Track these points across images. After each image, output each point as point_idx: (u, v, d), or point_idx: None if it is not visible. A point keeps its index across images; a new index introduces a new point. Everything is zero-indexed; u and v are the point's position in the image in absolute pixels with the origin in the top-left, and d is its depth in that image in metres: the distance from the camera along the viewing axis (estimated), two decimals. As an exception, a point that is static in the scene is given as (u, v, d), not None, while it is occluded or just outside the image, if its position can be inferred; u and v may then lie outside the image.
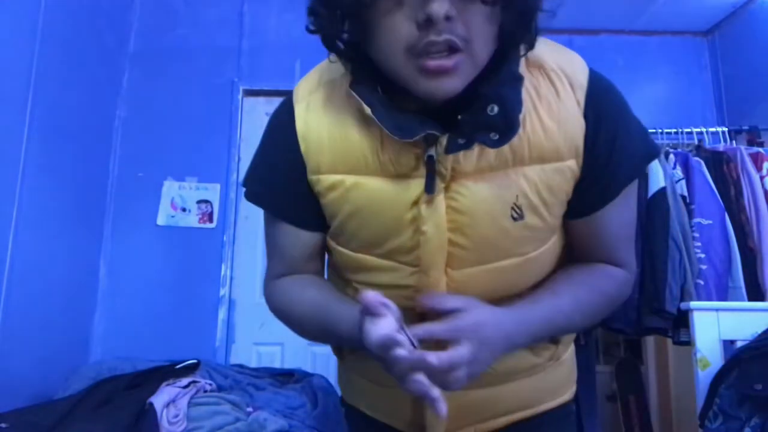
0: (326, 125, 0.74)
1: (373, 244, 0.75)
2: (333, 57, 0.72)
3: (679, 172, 2.35)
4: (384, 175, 0.72)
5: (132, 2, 3.07)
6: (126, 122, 2.94)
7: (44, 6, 2.22)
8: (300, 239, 0.82)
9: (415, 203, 0.71)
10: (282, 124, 0.78)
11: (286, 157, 0.77)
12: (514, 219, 0.70)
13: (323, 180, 0.75)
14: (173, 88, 2.99)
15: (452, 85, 0.64)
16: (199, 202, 2.88)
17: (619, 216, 0.77)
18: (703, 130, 2.63)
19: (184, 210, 2.86)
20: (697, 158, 2.38)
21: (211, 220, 2.86)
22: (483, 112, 0.65)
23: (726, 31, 3.29)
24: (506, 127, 0.66)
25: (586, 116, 0.71)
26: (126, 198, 2.86)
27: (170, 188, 2.88)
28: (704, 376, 1.69)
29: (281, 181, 0.79)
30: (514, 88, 0.67)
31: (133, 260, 2.80)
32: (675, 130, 2.63)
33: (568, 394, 0.93)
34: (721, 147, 2.51)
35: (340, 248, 0.80)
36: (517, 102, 0.66)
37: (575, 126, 0.71)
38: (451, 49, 0.62)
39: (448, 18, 0.60)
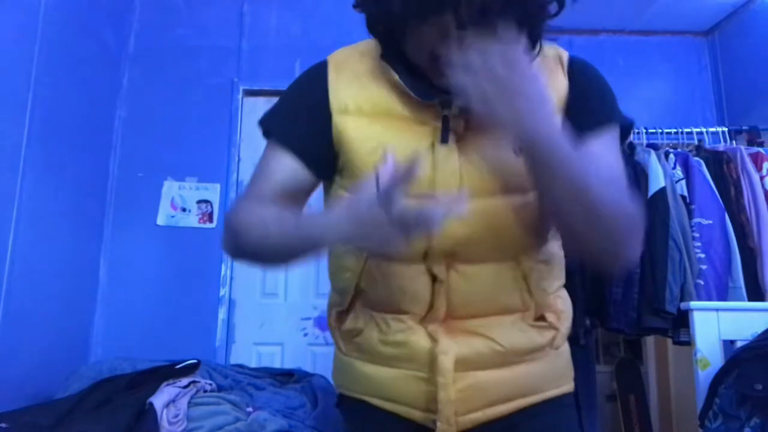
0: (357, 79, 0.85)
1: None
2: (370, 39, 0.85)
3: (679, 172, 2.35)
4: (405, 123, 0.83)
5: (132, 2, 3.07)
6: (126, 122, 2.94)
7: (44, 6, 2.22)
8: (296, 174, 0.88)
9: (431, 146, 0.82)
10: (314, 72, 0.88)
11: (314, 97, 0.86)
12: (516, 153, 0.76)
13: (349, 119, 0.84)
14: (173, 88, 2.99)
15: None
16: (199, 202, 2.88)
17: (605, 155, 0.83)
18: (703, 130, 2.64)
19: (184, 210, 2.86)
20: (697, 158, 2.38)
21: (211, 220, 2.86)
22: None
23: (726, 31, 3.29)
24: None
25: (569, 78, 0.87)
26: (126, 198, 2.86)
27: (170, 188, 2.88)
28: (704, 376, 1.69)
29: (303, 115, 0.87)
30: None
31: (133, 260, 2.80)
32: (675, 130, 2.63)
33: (567, 386, 0.96)
34: (721, 147, 2.51)
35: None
36: None
37: (561, 88, 0.86)
38: None
39: None
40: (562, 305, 0.95)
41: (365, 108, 0.84)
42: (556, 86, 0.85)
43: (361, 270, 0.88)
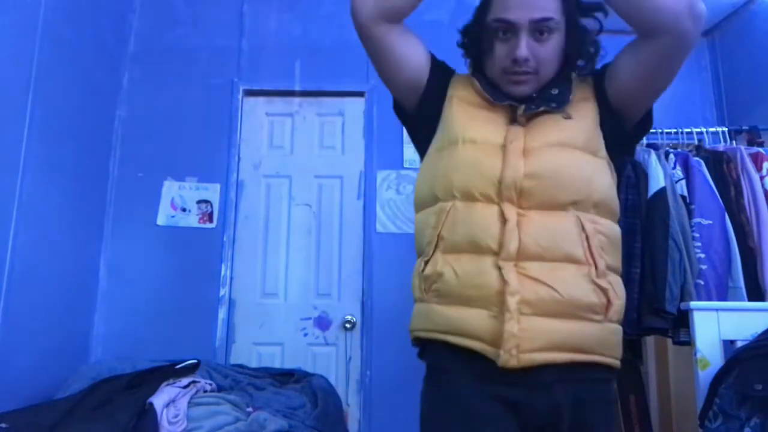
0: (461, 84, 1.23)
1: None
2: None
3: (679, 172, 2.35)
4: (485, 111, 1.18)
5: (132, 2, 3.07)
6: (126, 122, 2.94)
7: (44, 6, 2.22)
8: (422, 58, 1.23)
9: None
10: (450, 70, 1.28)
11: (446, 76, 1.26)
12: (565, 118, 1.13)
13: (454, 99, 1.21)
14: (173, 88, 2.99)
15: (523, 90, 1.13)
16: (199, 202, 2.88)
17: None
18: (703, 130, 2.63)
19: (184, 210, 2.86)
20: (697, 158, 2.38)
21: (211, 220, 2.86)
22: (548, 92, 1.14)
23: (726, 31, 3.29)
24: (561, 100, 1.13)
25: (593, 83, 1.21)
26: (126, 198, 2.86)
27: (170, 188, 2.88)
28: (704, 376, 1.69)
29: (442, 74, 1.25)
30: (568, 82, 1.17)
31: (133, 260, 2.80)
32: (675, 130, 2.63)
33: (616, 360, 1.09)
34: (721, 147, 2.51)
35: (451, 120, 1.20)
36: (568, 89, 1.15)
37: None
38: (526, 73, 1.12)
39: (525, 59, 1.10)
40: (617, 285, 1.09)
41: (463, 97, 1.20)
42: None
43: (442, 222, 1.11)
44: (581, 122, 1.13)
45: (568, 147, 1.10)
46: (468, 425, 1.05)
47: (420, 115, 1.24)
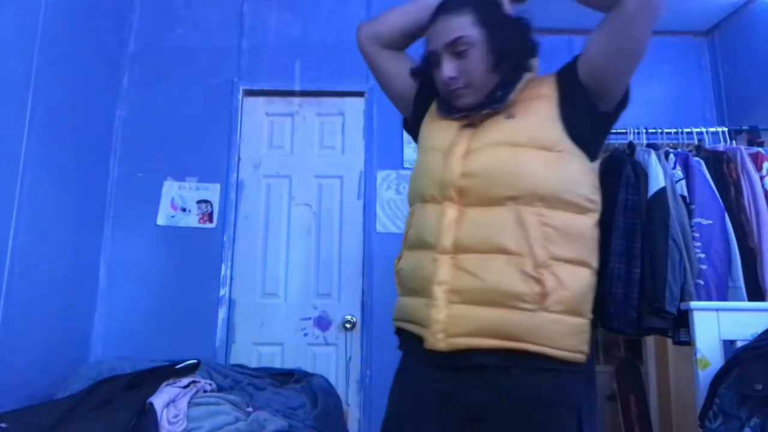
0: (434, 100, 1.36)
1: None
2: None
3: (679, 172, 2.35)
4: (443, 122, 1.30)
5: (132, 2, 3.07)
6: (126, 122, 2.94)
7: (44, 6, 2.22)
8: (405, 70, 1.37)
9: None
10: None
11: (431, 94, 1.36)
12: (507, 118, 1.21)
13: (429, 112, 1.36)
14: (173, 88, 2.99)
15: (465, 102, 1.24)
16: (199, 202, 2.88)
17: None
18: (703, 130, 2.63)
19: (184, 210, 2.86)
20: (697, 158, 2.38)
21: (211, 220, 2.86)
22: (494, 95, 1.22)
23: (726, 31, 3.29)
24: (502, 101, 1.20)
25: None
26: (126, 198, 2.86)
27: (170, 188, 2.88)
28: (704, 376, 1.69)
29: (428, 91, 1.37)
30: (513, 83, 1.22)
31: (133, 260, 2.80)
32: (675, 130, 2.63)
33: (562, 352, 1.10)
34: (721, 147, 2.51)
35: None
36: (509, 90, 1.21)
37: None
38: (458, 89, 1.22)
39: (451, 79, 1.21)
40: (567, 277, 1.11)
41: (433, 110, 1.35)
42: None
43: (409, 223, 1.28)
44: (525, 120, 1.19)
45: (507, 145, 1.17)
46: (409, 406, 1.20)
47: (413, 128, 1.41)
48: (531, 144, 1.15)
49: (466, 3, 1.21)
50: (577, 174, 1.17)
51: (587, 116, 1.18)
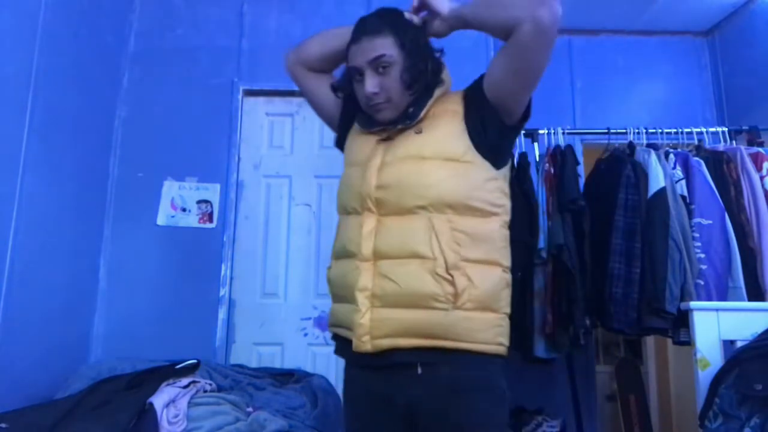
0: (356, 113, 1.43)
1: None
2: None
3: (679, 172, 2.35)
4: (365, 135, 1.39)
5: (132, 2, 3.07)
6: (126, 122, 2.94)
7: (44, 6, 2.22)
8: (329, 96, 1.48)
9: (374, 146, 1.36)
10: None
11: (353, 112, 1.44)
12: (416, 133, 1.31)
13: (352, 128, 1.45)
14: (173, 88, 2.98)
15: (385, 116, 1.32)
16: (199, 202, 2.88)
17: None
18: (703, 130, 2.64)
19: (184, 210, 2.86)
20: (697, 158, 2.38)
21: (211, 220, 2.86)
22: (407, 111, 1.32)
23: (726, 31, 3.29)
24: (413, 117, 1.31)
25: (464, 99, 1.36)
26: (126, 198, 2.86)
27: (170, 188, 2.88)
28: (704, 376, 1.69)
29: (351, 109, 1.45)
30: (424, 100, 1.33)
31: (133, 260, 2.80)
32: (675, 130, 2.63)
33: (477, 344, 1.20)
34: (721, 147, 2.51)
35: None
36: (421, 107, 1.32)
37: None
38: (379, 103, 1.31)
39: (374, 93, 1.29)
40: (478, 277, 1.21)
41: (356, 127, 1.43)
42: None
43: (336, 234, 1.37)
44: (432, 134, 1.29)
45: (415, 158, 1.27)
46: (352, 407, 1.33)
47: (343, 146, 1.49)
48: (436, 156, 1.26)
49: (386, 26, 1.30)
50: (481, 182, 1.27)
51: (491, 129, 1.28)
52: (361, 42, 1.30)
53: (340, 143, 1.51)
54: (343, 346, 1.32)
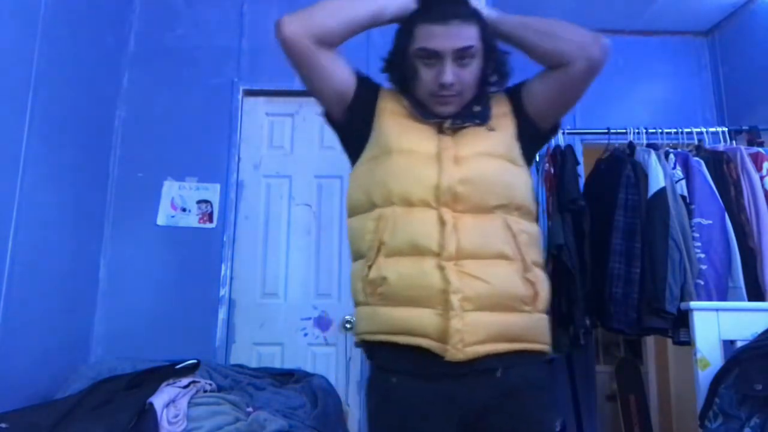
0: (391, 97, 1.33)
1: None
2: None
3: (679, 172, 2.35)
4: (416, 122, 1.28)
5: (132, 2, 3.07)
6: (126, 122, 2.94)
7: (44, 6, 2.22)
8: (346, 82, 1.33)
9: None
10: (375, 85, 1.37)
11: (374, 90, 1.36)
12: (489, 130, 1.26)
13: (386, 111, 1.30)
14: (173, 88, 2.98)
15: (449, 110, 1.25)
16: (199, 202, 2.88)
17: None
18: (703, 130, 2.64)
19: (184, 210, 2.86)
20: (697, 158, 2.38)
21: (211, 220, 2.86)
22: (471, 109, 1.26)
23: (726, 31, 3.29)
24: (484, 115, 1.27)
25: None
26: (126, 198, 2.86)
27: (170, 188, 2.88)
28: (704, 376, 1.69)
29: (370, 88, 1.35)
30: (488, 100, 1.30)
31: (133, 260, 2.80)
32: (675, 130, 2.63)
33: (545, 345, 1.22)
34: (721, 147, 2.51)
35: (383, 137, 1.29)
36: (488, 106, 1.28)
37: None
38: (451, 96, 1.23)
39: (451, 84, 1.21)
40: (541, 278, 1.21)
41: (394, 110, 1.30)
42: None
43: (383, 227, 1.19)
44: (501, 134, 1.26)
45: (492, 156, 1.23)
46: (410, 427, 1.15)
47: (349, 125, 1.34)
48: (506, 157, 1.24)
49: (474, 15, 1.24)
50: (531, 186, 1.28)
51: (528, 136, 1.29)
52: (450, 25, 1.19)
53: (336, 121, 1.36)
54: (394, 356, 1.17)
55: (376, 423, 1.21)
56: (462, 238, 1.14)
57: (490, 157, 1.22)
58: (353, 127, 1.33)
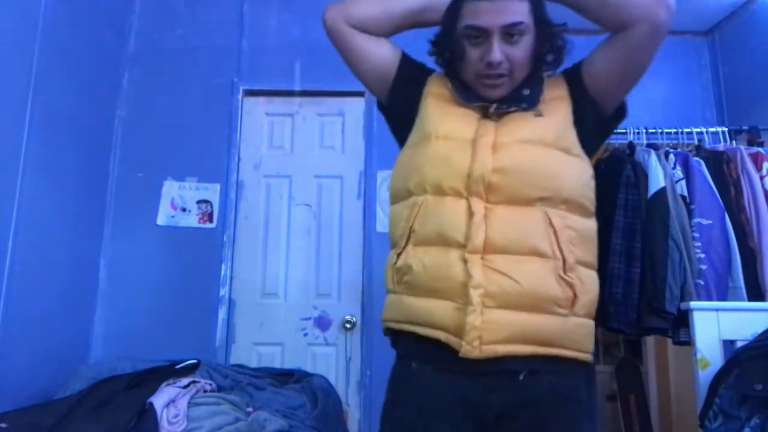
0: (438, 80, 1.28)
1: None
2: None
3: (679, 172, 2.35)
4: (459, 107, 1.21)
5: (132, 2, 3.07)
6: (126, 122, 2.94)
7: (44, 6, 2.22)
8: (389, 61, 1.28)
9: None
10: (426, 69, 1.32)
11: (422, 73, 1.30)
12: (536, 115, 1.17)
13: (431, 95, 1.25)
14: (173, 88, 2.99)
15: (498, 93, 1.17)
16: (199, 202, 2.88)
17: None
18: (703, 130, 2.63)
19: (184, 210, 2.86)
20: (697, 158, 2.38)
21: (211, 220, 2.86)
22: (520, 93, 1.17)
23: (726, 31, 3.29)
24: (532, 100, 1.17)
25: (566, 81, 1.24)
26: (126, 198, 2.86)
27: (170, 188, 2.88)
28: (704, 376, 1.69)
29: (416, 69, 1.31)
30: (540, 82, 1.20)
31: (133, 260, 2.80)
32: (675, 130, 2.63)
33: (583, 353, 1.11)
34: (721, 147, 2.51)
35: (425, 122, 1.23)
36: (539, 90, 1.18)
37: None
38: (499, 75, 1.14)
39: (499, 63, 1.13)
40: (587, 279, 1.11)
41: (438, 94, 1.24)
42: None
43: (414, 215, 1.14)
44: (552, 120, 1.16)
45: (538, 144, 1.13)
46: (423, 417, 1.10)
47: (393, 109, 1.32)
48: (556, 145, 1.13)
49: None
50: (587, 178, 1.17)
51: (590, 122, 1.18)
52: (497, 1, 1.12)
53: (386, 107, 1.33)
54: (417, 346, 1.14)
55: (392, 410, 1.17)
56: (492, 230, 1.07)
57: (533, 145, 1.12)
58: (397, 111, 1.30)
